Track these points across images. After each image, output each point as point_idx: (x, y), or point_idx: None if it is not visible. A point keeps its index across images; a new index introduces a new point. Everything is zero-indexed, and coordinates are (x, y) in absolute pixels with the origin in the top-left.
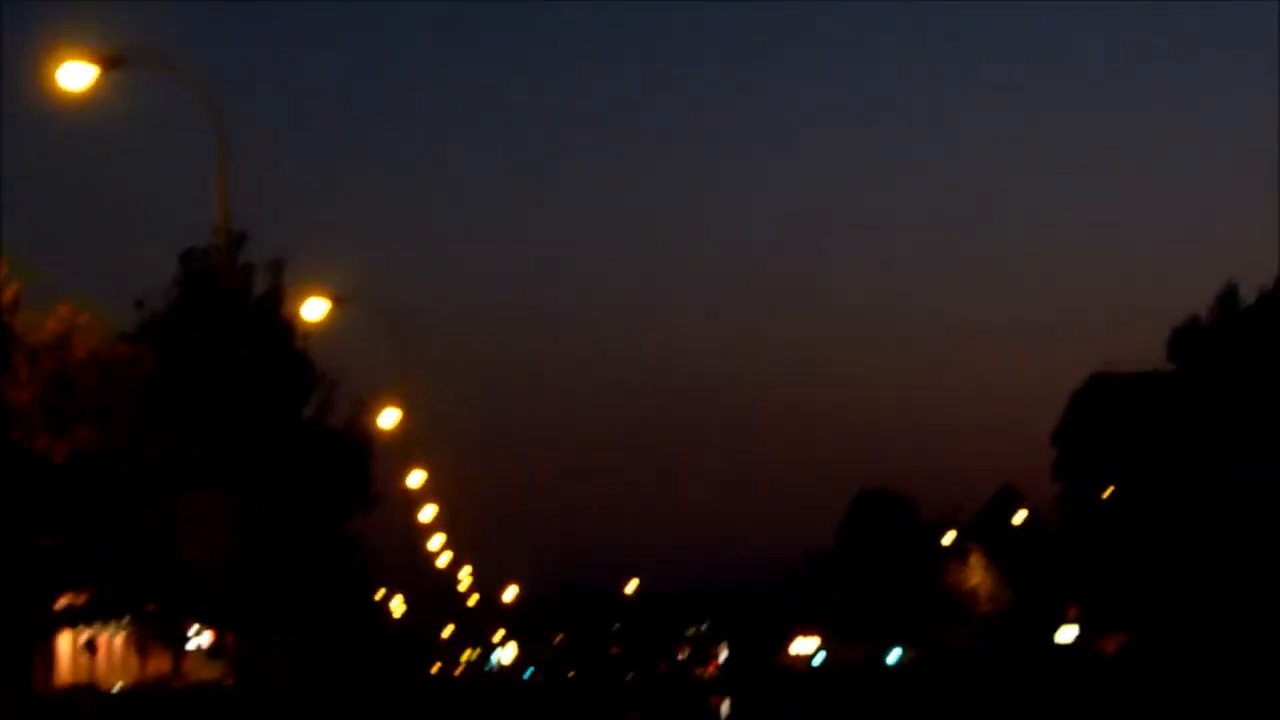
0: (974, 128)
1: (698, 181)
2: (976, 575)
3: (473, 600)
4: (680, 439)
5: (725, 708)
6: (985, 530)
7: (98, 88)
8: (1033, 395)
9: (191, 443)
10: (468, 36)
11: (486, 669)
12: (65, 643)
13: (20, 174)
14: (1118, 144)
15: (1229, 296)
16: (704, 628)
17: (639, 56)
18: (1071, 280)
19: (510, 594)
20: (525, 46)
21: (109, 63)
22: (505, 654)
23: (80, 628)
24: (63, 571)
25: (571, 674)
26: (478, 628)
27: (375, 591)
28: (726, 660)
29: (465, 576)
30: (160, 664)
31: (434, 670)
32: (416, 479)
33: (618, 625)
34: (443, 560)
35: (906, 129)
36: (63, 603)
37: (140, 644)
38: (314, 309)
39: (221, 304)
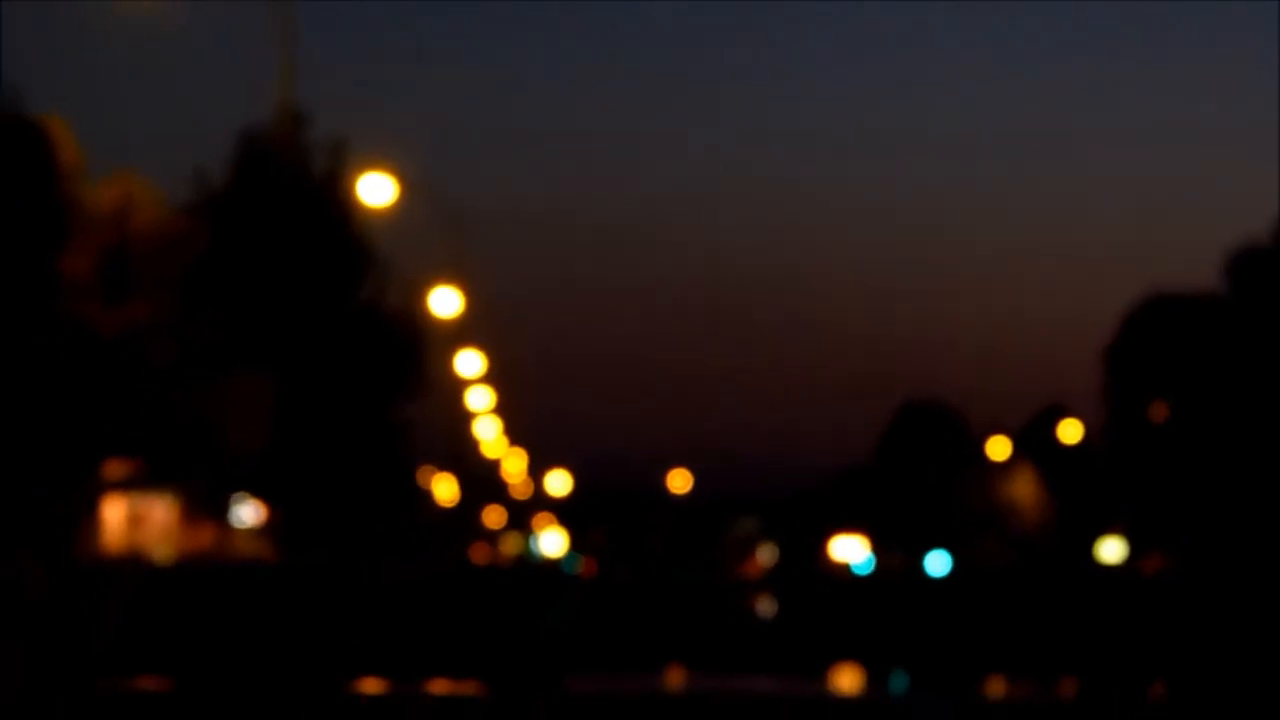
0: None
1: (767, 89)
2: (1024, 489)
3: (520, 488)
4: (734, 342)
5: (766, 605)
6: (1030, 445)
7: None
8: (1080, 319)
9: (241, 323)
10: None
11: (530, 557)
12: (112, 511)
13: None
14: (1167, 64)
15: None
16: (749, 527)
17: None
18: (1122, 203)
19: (558, 484)
20: None
21: None
22: (551, 542)
23: (127, 495)
24: (110, 440)
25: (615, 567)
26: (524, 516)
27: (418, 475)
28: (771, 561)
29: (514, 464)
30: (205, 537)
31: (475, 554)
32: (470, 364)
33: (661, 522)
34: (493, 447)
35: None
36: (110, 471)
37: (187, 516)
38: (374, 188)
39: (279, 182)
